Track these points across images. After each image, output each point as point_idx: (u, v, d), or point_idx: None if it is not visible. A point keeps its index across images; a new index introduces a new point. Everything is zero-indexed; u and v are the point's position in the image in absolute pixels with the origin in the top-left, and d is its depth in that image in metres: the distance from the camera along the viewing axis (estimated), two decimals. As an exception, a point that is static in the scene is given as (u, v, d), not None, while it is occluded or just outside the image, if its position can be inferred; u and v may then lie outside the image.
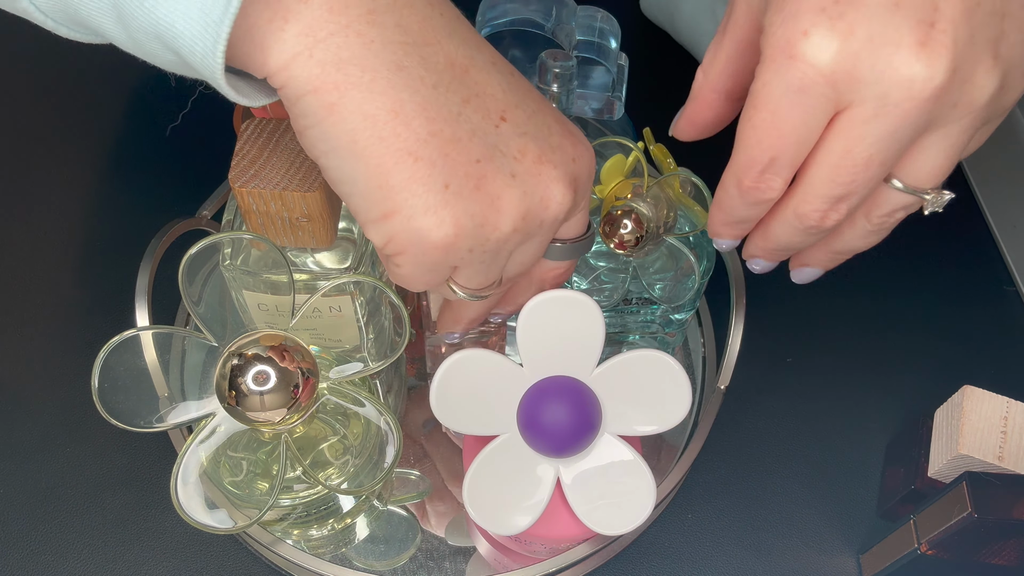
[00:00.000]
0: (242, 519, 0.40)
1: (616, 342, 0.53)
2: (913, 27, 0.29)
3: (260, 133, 0.41)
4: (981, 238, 0.63)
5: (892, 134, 0.31)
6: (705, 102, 0.37)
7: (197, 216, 0.55)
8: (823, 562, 0.51)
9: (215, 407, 0.40)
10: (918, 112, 0.30)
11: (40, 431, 0.53)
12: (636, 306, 0.49)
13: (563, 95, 0.48)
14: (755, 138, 0.32)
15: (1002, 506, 0.42)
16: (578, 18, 0.48)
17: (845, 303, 0.60)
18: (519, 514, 0.42)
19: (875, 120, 0.30)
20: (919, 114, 0.30)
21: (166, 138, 0.66)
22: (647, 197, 0.43)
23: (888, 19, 0.29)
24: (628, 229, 0.43)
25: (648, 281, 0.47)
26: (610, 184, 0.45)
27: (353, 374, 0.42)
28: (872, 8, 0.29)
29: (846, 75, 0.29)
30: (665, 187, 0.44)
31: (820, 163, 0.32)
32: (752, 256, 0.38)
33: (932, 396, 0.51)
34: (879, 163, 0.31)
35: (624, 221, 0.43)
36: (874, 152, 0.31)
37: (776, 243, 0.36)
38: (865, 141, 0.31)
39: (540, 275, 0.40)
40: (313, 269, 0.45)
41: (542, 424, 0.41)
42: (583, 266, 0.48)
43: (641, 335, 0.53)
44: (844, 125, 0.31)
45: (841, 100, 0.30)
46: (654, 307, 0.49)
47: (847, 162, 0.31)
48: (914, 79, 0.29)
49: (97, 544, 0.50)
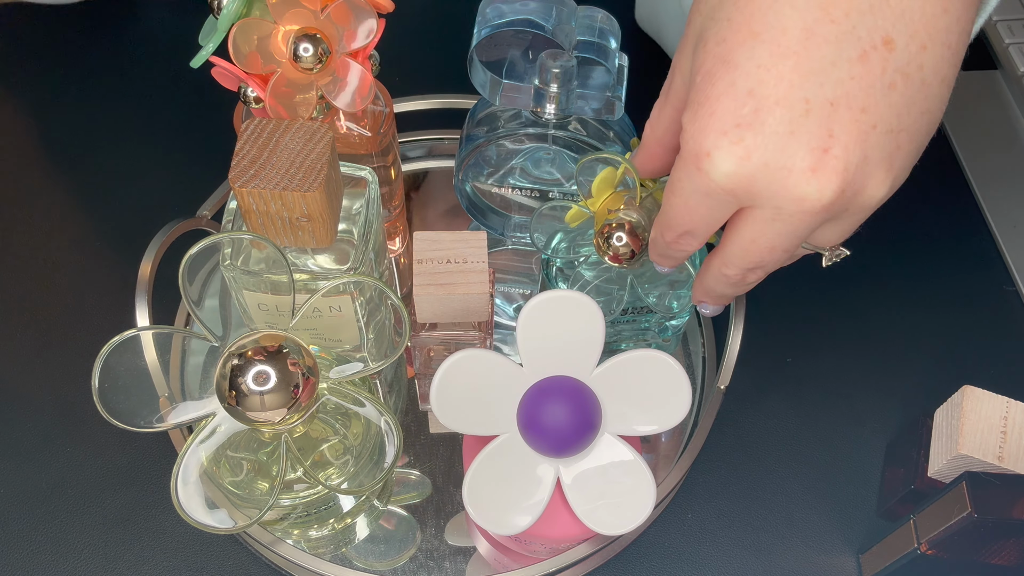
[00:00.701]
0: (242, 519, 0.40)
1: (611, 351, 0.53)
2: (806, 154, 0.32)
3: (260, 133, 0.41)
4: (981, 238, 0.63)
5: (790, 234, 0.35)
6: (652, 153, 0.41)
7: (197, 216, 0.55)
8: (823, 562, 0.51)
9: (215, 407, 0.40)
10: (811, 220, 0.33)
11: (40, 431, 0.54)
12: (631, 315, 0.49)
13: (563, 95, 0.48)
14: (672, 213, 0.37)
15: (1002, 506, 0.42)
16: (578, 18, 0.48)
17: (845, 303, 0.60)
18: (519, 514, 0.42)
19: (773, 222, 0.34)
20: (813, 221, 0.34)
21: (166, 138, 0.66)
22: (640, 208, 0.43)
23: (784, 145, 0.32)
24: (624, 242, 0.43)
25: (643, 290, 0.47)
26: (601, 198, 0.45)
27: (353, 374, 0.42)
28: (769, 135, 0.32)
29: (744, 190, 0.33)
30: (658, 195, 0.44)
31: (733, 241, 0.36)
32: (698, 301, 0.43)
33: (932, 396, 0.51)
34: (783, 249, 0.35)
35: (619, 234, 0.43)
36: (776, 243, 0.35)
37: (711, 291, 0.40)
38: (767, 236, 0.35)
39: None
40: (313, 269, 0.45)
41: (542, 424, 0.41)
42: (576, 280, 0.49)
43: (635, 344, 0.53)
44: (748, 220, 0.35)
45: (743, 203, 0.34)
46: (649, 315, 0.49)
47: (754, 247, 0.35)
48: (805, 198, 0.32)
49: (97, 544, 0.50)
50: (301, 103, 0.46)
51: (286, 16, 0.44)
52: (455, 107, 0.63)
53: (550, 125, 0.49)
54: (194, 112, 0.68)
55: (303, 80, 0.45)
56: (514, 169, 0.53)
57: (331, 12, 0.44)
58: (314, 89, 0.45)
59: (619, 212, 0.43)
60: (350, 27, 0.45)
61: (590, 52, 0.47)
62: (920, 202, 0.64)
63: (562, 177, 0.53)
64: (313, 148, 0.41)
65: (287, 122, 0.42)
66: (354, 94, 0.46)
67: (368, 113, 0.50)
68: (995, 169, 0.65)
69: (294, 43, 0.44)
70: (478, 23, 0.48)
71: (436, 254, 0.45)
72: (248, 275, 0.43)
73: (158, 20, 0.71)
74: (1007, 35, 0.70)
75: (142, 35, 0.69)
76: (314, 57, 0.44)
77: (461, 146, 0.52)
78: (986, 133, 0.67)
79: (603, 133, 0.50)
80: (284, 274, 0.40)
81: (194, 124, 0.67)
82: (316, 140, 0.41)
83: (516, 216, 0.56)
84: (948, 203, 0.65)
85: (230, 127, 0.52)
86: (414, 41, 0.70)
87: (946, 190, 0.65)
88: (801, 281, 0.51)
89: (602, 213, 0.44)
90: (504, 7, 0.47)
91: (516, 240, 0.57)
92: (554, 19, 0.47)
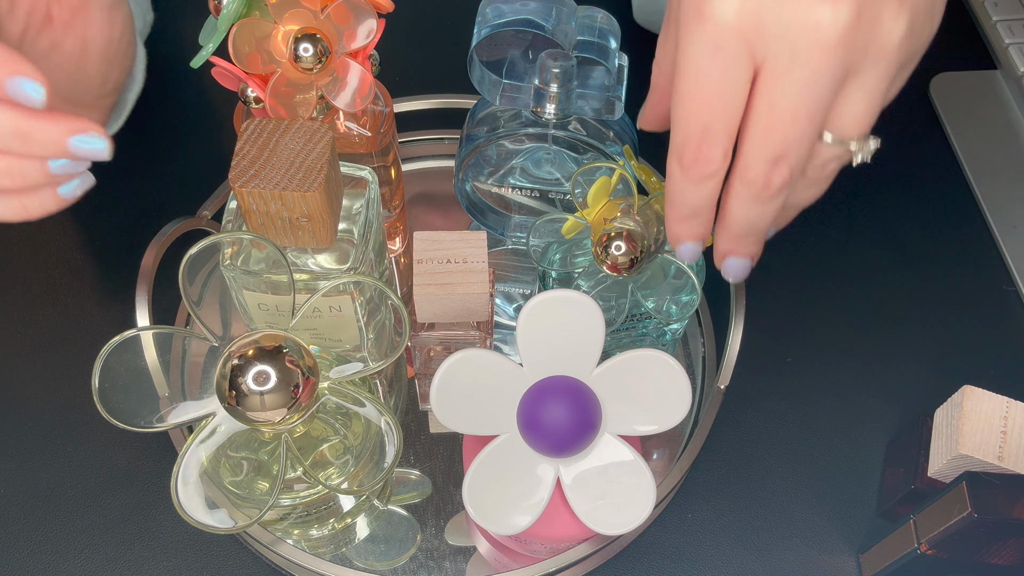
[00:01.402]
0: (242, 519, 0.40)
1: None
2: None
3: (260, 133, 0.41)
4: (981, 238, 0.63)
5: (810, 85, 0.31)
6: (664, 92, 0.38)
7: (197, 216, 0.55)
8: (823, 562, 0.51)
9: (215, 407, 0.40)
10: (829, 59, 0.31)
11: (40, 431, 0.54)
12: (629, 322, 0.49)
13: (563, 95, 0.48)
14: (684, 109, 0.33)
15: (1002, 506, 0.42)
16: (578, 18, 0.48)
17: (845, 303, 0.60)
18: (519, 514, 0.42)
19: (789, 73, 0.31)
20: (831, 61, 0.31)
21: (166, 138, 0.66)
22: (637, 216, 0.43)
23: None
24: (622, 251, 0.43)
25: (643, 295, 0.47)
26: (597, 207, 0.45)
27: (353, 374, 0.42)
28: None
29: (754, 28, 0.30)
30: (654, 203, 0.44)
31: (751, 127, 0.33)
32: (722, 255, 0.38)
33: (932, 396, 0.51)
34: (805, 117, 0.32)
35: (617, 243, 0.43)
36: (797, 105, 0.32)
37: (736, 225, 0.36)
38: (786, 96, 0.31)
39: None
40: (313, 269, 0.45)
41: (542, 424, 0.41)
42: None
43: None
44: (763, 84, 0.32)
45: (756, 55, 0.31)
46: (647, 321, 0.49)
47: (774, 119, 0.32)
48: (819, 24, 0.30)
49: (97, 544, 0.50)
50: (301, 103, 0.46)
51: (286, 16, 0.44)
52: (455, 107, 0.63)
53: (550, 125, 0.49)
54: (194, 112, 0.68)
55: (303, 80, 0.45)
56: (514, 169, 0.53)
57: (331, 12, 0.44)
58: (314, 89, 0.45)
59: (616, 221, 0.43)
60: (350, 27, 0.45)
61: (590, 52, 0.47)
62: (920, 202, 0.64)
63: (562, 177, 0.53)
64: (313, 148, 0.41)
65: (287, 122, 0.42)
66: (354, 94, 0.46)
67: (368, 113, 0.50)
68: (995, 169, 0.65)
69: (294, 43, 0.44)
70: (478, 23, 0.48)
71: (436, 254, 0.45)
72: (248, 275, 0.43)
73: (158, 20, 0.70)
74: (1007, 35, 0.70)
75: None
76: (314, 57, 0.44)
77: (461, 146, 0.52)
78: (986, 133, 0.67)
79: (603, 133, 0.50)
80: (284, 274, 0.40)
81: (194, 124, 0.67)
82: (316, 140, 0.41)
83: (516, 216, 0.56)
84: (948, 203, 0.65)
85: (230, 127, 0.52)
86: (414, 41, 0.70)
87: (946, 190, 0.65)
88: (801, 281, 0.51)
89: (599, 222, 0.44)
90: (504, 7, 0.47)
91: (516, 240, 0.57)
92: (554, 19, 0.47)
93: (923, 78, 0.70)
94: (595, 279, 0.48)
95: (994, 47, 0.71)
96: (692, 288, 0.47)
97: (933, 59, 0.72)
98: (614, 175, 0.44)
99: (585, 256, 0.49)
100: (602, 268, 0.44)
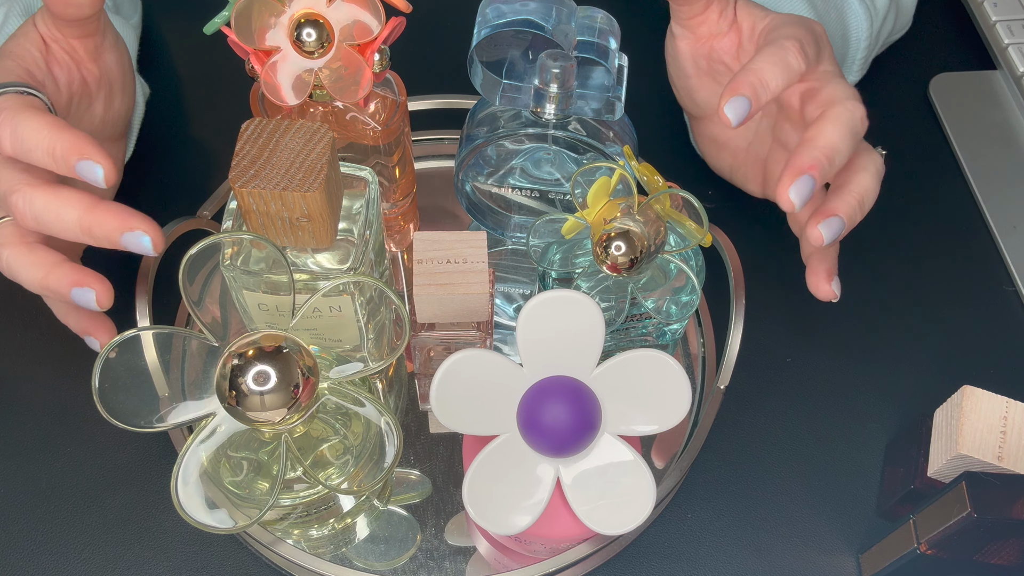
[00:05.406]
0: (242, 519, 0.40)
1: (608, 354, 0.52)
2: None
3: (260, 133, 0.41)
4: (981, 238, 0.63)
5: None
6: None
7: (197, 216, 0.55)
8: (823, 562, 0.51)
9: (215, 407, 0.40)
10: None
11: (40, 431, 0.54)
12: (629, 322, 0.49)
13: (563, 95, 0.48)
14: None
15: (1001, 506, 0.42)
16: (578, 18, 0.48)
17: (845, 303, 0.60)
18: (519, 514, 0.42)
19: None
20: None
21: (166, 138, 0.66)
22: (637, 216, 0.43)
23: None
24: (622, 251, 0.43)
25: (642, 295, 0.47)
26: (597, 207, 0.45)
27: (353, 374, 0.42)
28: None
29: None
30: (654, 203, 0.44)
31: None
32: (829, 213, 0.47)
33: (932, 396, 0.51)
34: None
35: (617, 243, 0.43)
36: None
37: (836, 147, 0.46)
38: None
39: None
40: (313, 269, 0.45)
41: (542, 424, 0.41)
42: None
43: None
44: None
45: None
46: (646, 321, 0.49)
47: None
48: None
49: (97, 544, 0.50)
50: (298, 84, 0.46)
51: (296, 1, 0.45)
52: (455, 107, 0.63)
53: (550, 125, 0.49)
54: (194, 112, 0.68)
55: (302, 63, 0.45)
56: (514, 169, 0.53)
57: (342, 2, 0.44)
58: (312, 75, 0.46)
59: (616, 221, 0.43)
60: (360, 20, 0.45)
61: (590, 52, 0.47)
62: (920, 202, 0.64)
63: (562, 177, 0.53)
64: (313, 148, 0.41)
65: (287, 122, 0.42)
66: (352, 85, 0.46)
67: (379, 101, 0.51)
68: (995, 169, 0.65)
69: (297, 26, 0.45)
70: (478, 23, 0.48)
71: (436, 254, 0.45)
72: (248, 275, 0.44)
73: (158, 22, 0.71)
74: (1007, 35, 0.70)
75: (142, 35, 0.69)
76: (316, 42, 0.45)
77: (461, 146, 0.52)
78: (986, 133, 0.67)
79: (603, 133, 0.50)
80: (284, 274, 0.40)
81: (194, 124, 0.67)
82: (316, 140, 0.41)
83: (516, 216, 0.56)
84: (948, 203, 0.65)
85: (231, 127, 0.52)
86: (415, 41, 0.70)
87: (946, 190, 0.65)
88: (801, 281, 0.51)
89: (599, 223, 0.44)
90: (504, 7, 0.47)
91: (516, 240, 0.57)
92: (554, 19, 0.47)
93: (923, 78, 0.70)
94: (595, 279, 0.48)
95: (994, 47, 0.71)
96: (692, 288, 0.47)
97: (933, 59, 0.72)
98: (614, 175, 0.44)
99: (585, 256, 0.49)
100: (602, 268, 0.44)
